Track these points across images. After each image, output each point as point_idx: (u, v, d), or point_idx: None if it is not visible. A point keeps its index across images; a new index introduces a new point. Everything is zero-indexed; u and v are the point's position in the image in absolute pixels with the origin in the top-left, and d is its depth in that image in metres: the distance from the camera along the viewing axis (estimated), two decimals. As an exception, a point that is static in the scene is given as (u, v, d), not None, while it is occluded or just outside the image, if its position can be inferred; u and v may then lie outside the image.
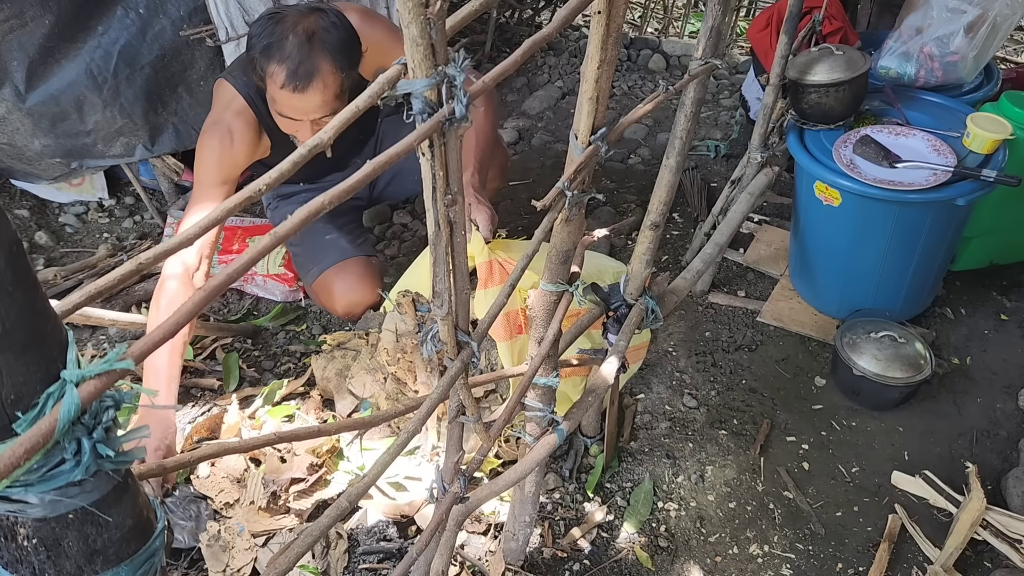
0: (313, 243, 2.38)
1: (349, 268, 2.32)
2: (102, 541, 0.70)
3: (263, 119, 2.04)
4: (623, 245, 2.81)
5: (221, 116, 2.01)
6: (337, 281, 2.31)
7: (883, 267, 2.24)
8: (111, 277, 0.60)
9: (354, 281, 2.31)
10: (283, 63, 1.80)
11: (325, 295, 2.36)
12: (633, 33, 4.60)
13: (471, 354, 1.04)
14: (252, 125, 2.04)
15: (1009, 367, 2.30)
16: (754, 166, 2.41)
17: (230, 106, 2.01)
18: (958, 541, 1.76)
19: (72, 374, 0.56)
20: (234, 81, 2.02)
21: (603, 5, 0.90)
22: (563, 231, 1.18)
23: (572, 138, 1.05)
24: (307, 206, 0.66)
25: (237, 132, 2.01)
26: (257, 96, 2.02)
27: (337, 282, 2.31)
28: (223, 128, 2.00)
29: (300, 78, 1.81)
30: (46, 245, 2.80)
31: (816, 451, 2.08)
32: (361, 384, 2.05)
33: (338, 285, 2.31)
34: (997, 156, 2.10)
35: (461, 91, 0.74)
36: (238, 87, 2.01)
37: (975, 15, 2.28)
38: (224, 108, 2.02)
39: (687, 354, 2.37)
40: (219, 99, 2.05)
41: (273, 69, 1.82)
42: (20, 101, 2.40)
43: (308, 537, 0.94)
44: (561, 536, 1.87)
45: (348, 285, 2.31)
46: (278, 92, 1.85)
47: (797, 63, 2.20)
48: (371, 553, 1.78)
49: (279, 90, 1.84)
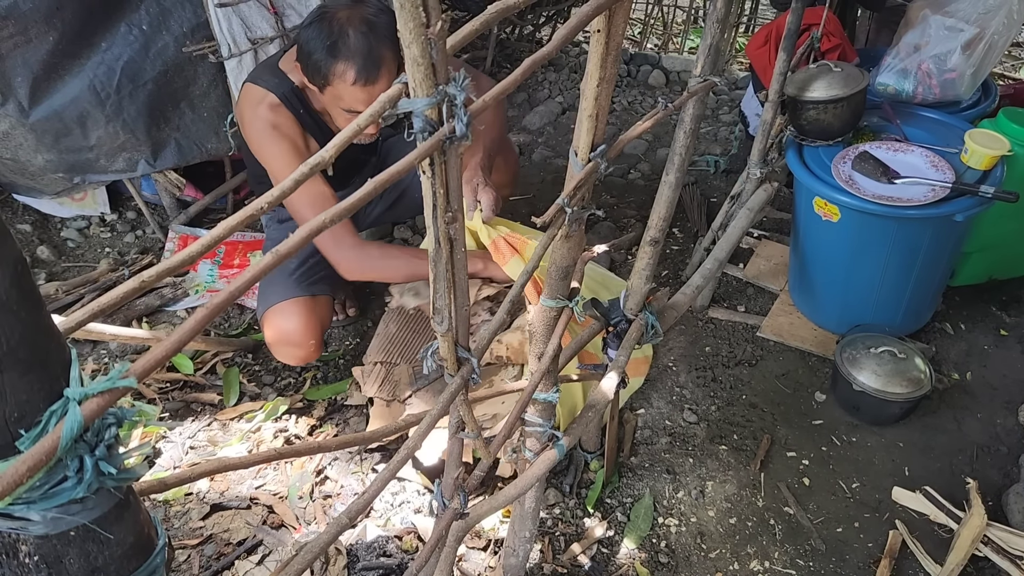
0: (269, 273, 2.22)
1: (289, 311, 2.09)
2: (103, 558, 0.70)
3: (301, 119, 2.01)
4: (623, 260, 2.82)
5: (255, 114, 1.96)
6: (273, 326, 2.10)
7: (882, 282, 2.25)
8: (115, 294, 0.60)
9: (290, 328, 2.08)
10: (351, 59, 1.78)
11: (265, 336, 2.15)
12: (633, 49, 4.63)
13: (471, 370, 1.05)
14: (290, 119, 1.99)
15: (1009, 382, 2.30)
16: (753, 181, 2.42)
17: (263, 101, 1.96)
18: (959, 557, 1.76)
19: (75, 392, 0.57)
20: (264, 84, 1.99)
21: (603, 24, 0.91)
22: (563, 247, 1.18)
23: (572, 155, 1.06)
24: (308, 224, 0.66)
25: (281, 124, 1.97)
26: (293, 95, 1.99)
27: (272, 326, 2.10)
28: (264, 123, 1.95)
29: (370, 70, 1.79)
30: (48, 259, 2.81)
31: (816, 466, 2.08)
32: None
33: (272, 330, 2.11)
34: (995, 172, 2.11)
35: (462, 110, 0.74)
36: (270, 88, 1.97)
37: (972, 33, 2.29)
38: (257, 104, 1.96)
39: (687, 369, 2.37)
40: (248, 103, 1.99)
41: (341, 67, 1.79)
42: (24, 117, 2.41)
43: (307, 554, 0.94)
44: (561, 552, 1.87)
45: (282, 332, 2.09)
46: (348, 89, 1.81)
47: (796, 79, 2.21)
48: (371, 569, 1.77)
49: (350, 87, 1.81)
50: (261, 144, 1.99)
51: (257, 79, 2.02)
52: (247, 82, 2.04)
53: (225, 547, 1.87)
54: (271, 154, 1.98)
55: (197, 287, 2.68)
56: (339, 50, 1.78)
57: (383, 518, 1.95)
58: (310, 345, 2.12)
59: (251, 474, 2.06)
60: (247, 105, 2.00)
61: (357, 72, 1.78)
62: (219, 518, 1.94)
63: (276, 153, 1.97)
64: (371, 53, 1.78)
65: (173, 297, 2.64)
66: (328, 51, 1.78)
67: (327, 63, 1.79)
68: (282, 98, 1.98)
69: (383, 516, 1.95)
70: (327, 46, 1.78)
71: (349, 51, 1.78)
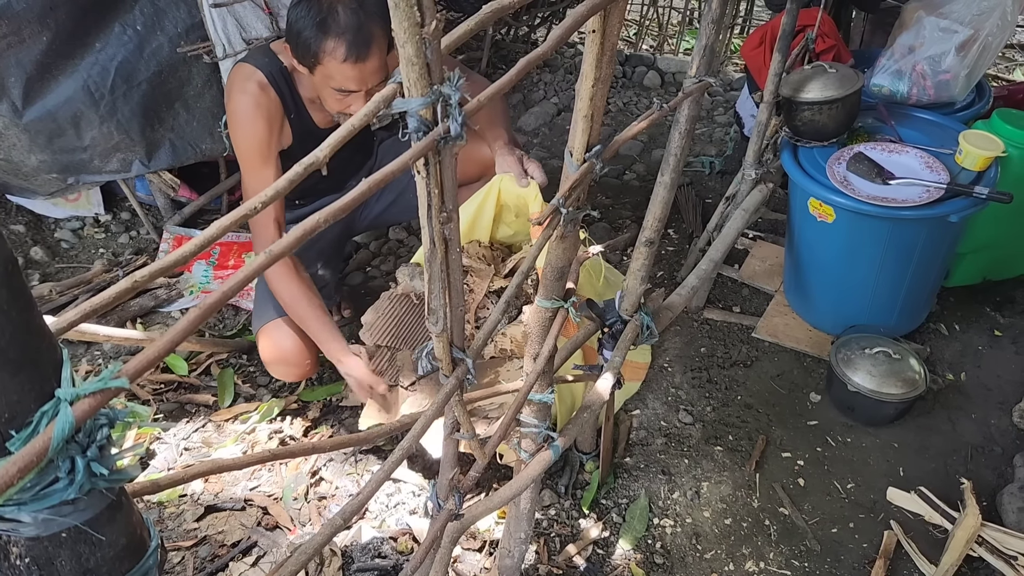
0: (263, 289, 2.13)
1: (284, 330, 2.06)
2: (95, 560, 0.69)
3: (284, 100, 2.00)
4: (618, 261, 2.82)
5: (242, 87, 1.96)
6: (268, 344, 2.08)
7: (877, 283, 2.25)
8: (107, 295, 0.60)
9: (285, 347, 2.06)
10: (341, 36, 1.75)
11: (260, 354, 2.13)
12: (628, 50, 4.63)
13: (466, 371, 1.04)
14: (274, 101, 1.98)
15: (1003, 383, 2.31)
16: (748, 182, 2.42)
17: (251, 77, 1.96)
18: (954, 558, 1.76)
19: (66, 392, 0.56)
20: (254, 62, 1.98)
21: (598, 24, 0.91)
22: (558, 247, 1.18)
23: (567, 155, 1.06)
24: (302, 224, 0.66)
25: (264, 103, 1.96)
26: (280, 76, 1.98)
27: (267, 345, 2.08)
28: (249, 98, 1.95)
29: (360, 47, 1.77)
30: (42, 260, 2.80)
31: (811, 467, 2.08)
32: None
33: (267, 348, 2.09)
34: (989, 173, 2.11)
35: (456, 109, 0.74)
36: (259, 66, 1.97)
37: (967, 35, 2.30)
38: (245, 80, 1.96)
39: (682, 370, 2.37)
40: (237, 78, 1.98)
41: (331, 44, 1.77)
42: (17, 117, 2.40)
43: (302, 555, 0.94)
44: (557, 553, 1.86)
45: (277, 351, 2.08)
46: (338, 67, 1.79)
47: (791, 81, 2.22)
48: (366, 570, 1.77)
49: (340, 64, 1.79)
50: (237, 120, 1.96)
51: (248, 58, 2.02)
52: (238, 62, 2.03)
53: (219, 548, 1.87)
54: (241, 135, 1.96)
55: (192, 288, 2.67)
56: (328, 27, 1.76)
57: (378, 519, 1.94)
58: (306, 364, 2.10)
59: (246, 475, 2.05)
60: (235, 80, 1.98)
61: (347, 49, 1.76)
62: (213, 519, 1.94)
63: (246, 136, 1.95)
64: (361, 29, 1.76)
65: (167, 298, 2.63)
66: (318, 27, 1.76)
67: (317, 40, 1.77)
68: (269, 76, 1.97)
69: (378, 517, 1.95)
70: (316, 23, 1.76)
71: (339, 28, 1.75)
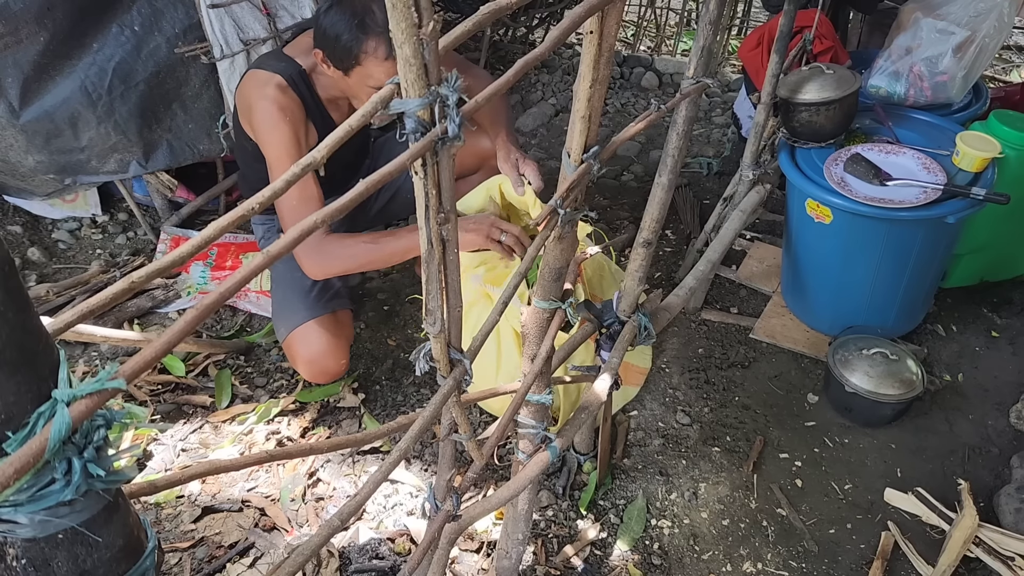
0: (284, 294, 2.19)
1: (316, 332, 2.11)
2: (92, 561, 0.69)
3: (306, 103, 1.99)
4: (616, 262, 2.82)
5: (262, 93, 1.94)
6: (302, 347, 2.11)
7: (875, 284, 2.25)
8: (104, 295, 0.60)
9: (319, 349, 2.10)
10: (381, 35, 1.75)
11: (291, 359, 2.18)
12: (626, 51, 4.64)
13: (464, 372, 1.04)
14: (296, 103, 1.97)
15: (1000, 384, 2.31)
16: (746, 183, 2.43)
17: (269, 82, 1.94)
18: (951, 559, 1.76)
19: (63, 393, 0.56)
20: (270, 68, 1.96)
21: (595, 25, 0.91)
22: (556, 248, 1.18)
23: (565, 156, 1.06)
24: (299, 225, 0.66)
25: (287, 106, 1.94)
26: (300, 79, 1.96)
27: (302, 348, 2.11)
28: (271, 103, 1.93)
29: None
30: (39, 261, 2.80)
31: (809, 468, 2.08)
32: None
33: (302, 352, 2.12)
34: (986, 174, 2.12)
35: (454, 110, 0.74)
36: (276, 71, 1.95)
37: (964, 36, 2.30)
38: (263, 85, 1.94)
39: (680, 371, 2.37)
40: (255, 85, 1.97)
41: (373, 43, 1.76)
42: (14, 117, 2.39)
43: (299, 556, 0.93)
44: (554, 554, 1.86)
45: (312, 353, 2.11)
46: (379, 65, 1.78)
47: (788, 82, 2.22)
48: (363, 571, 1.77)
49: (382, 62, 1.78)
50: (264, 126, 1.95)
51: (262, 64, 2.00)
52: (251, 69, 2.01)
53: (217, 550, 1.87)
54: (271, 140, 1.95)
55: (189, 289, 2.67)
56: (368, 27, 1.75)
57: (376, 520, 1.94)
58: (342, 364, 2.16)
59: (243, 476, 2.05)
60: (253, 87, 1.96)
61: (389, 46, 1.75)
62: (211, 521, 1.93)
63: (276, 140, 1.94)
64: None
65: (165, 299, 2.62)
66: (358, 28, 1.76)
67: (358, 42, 1.76)
68: (289, 80, 1.95)
69: (376, 518, 1.95)
70: (355, 24, 1.75)
71: (379, 27, 1.75)
